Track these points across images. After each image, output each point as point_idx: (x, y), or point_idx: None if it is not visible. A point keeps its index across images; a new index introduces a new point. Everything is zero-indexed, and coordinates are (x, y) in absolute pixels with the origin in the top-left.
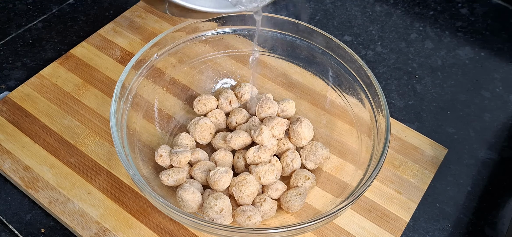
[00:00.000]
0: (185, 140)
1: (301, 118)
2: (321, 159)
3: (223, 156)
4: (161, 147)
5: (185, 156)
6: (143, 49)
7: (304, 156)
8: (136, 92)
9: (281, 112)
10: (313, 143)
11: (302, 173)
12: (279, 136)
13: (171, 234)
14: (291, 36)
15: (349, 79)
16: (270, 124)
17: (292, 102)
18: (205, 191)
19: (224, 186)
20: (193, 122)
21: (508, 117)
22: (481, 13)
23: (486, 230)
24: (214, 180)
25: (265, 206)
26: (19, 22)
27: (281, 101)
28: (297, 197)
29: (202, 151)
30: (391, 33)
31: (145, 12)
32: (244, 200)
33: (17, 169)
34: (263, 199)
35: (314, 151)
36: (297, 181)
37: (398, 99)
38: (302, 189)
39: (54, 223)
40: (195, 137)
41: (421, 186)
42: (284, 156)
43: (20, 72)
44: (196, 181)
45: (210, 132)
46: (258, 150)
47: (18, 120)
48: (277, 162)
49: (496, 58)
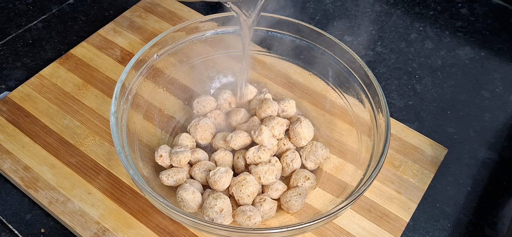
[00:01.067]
0: (185, 140)
1: (301, 118)
2: (321, 159)
3: (223, 156)
4: (161, 147)
5: (185, 156)
6: (143, 49)
7: (304, 156)
8: (136, 92)
9: (281, 112)
10: (313, 143)
11: (302, 173)
12: (279, 136)
13: (171, 234)
14: (291, 36)
15: (349, 79)
16: (270, 124)
17: (293, 102)
18: (205, 191)
19: (224, 186)
20: (193, 122)
21: (508, 117)
22: (481, 13)
23: (486, 230)
24: (214, 180)
25: (265, 206)
26: (19, 22)
27: (282, 101)
28: (297, 197)
29: (202, 151)
30: (391, 33)
31: (145, 12)
32: (244, 200)
33: (17, 169)
34: (263, 199)
35: (314, 151)
36: (297, 181)
37: (398, 99)
38: (302, 189)
39: (54, 223)
40: (196, 138)
41: (421, 186)
42: (284, 156)
43: (20, 72)
44: (196, 181)
45: (211, 132)
46: (258, 150)
47: (18, 120)
48: (277, 162)
49: (496, 58)
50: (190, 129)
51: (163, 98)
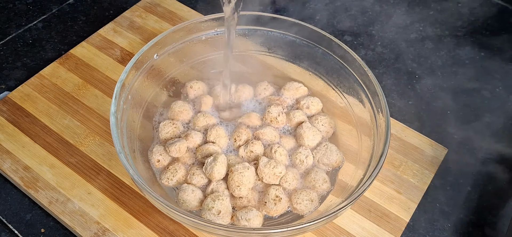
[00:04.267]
0: (167, 127)
1: (307, 122)
2: (334, 163)
3: (217, 130)
4: (153, 151)
5: (182, 144)
6: (143, 49)
7: (317, 158)
8: (136, 92)
9: (306, 108)
10: (327, 146)
11: (321, 175)
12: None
13: (171, 234)
14: (291, 36)
15: (349, 79)
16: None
17: (317, 99)
18: (209, 185)
19: (220, 175)
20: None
21: (508, 117)
22: (481, 13)
23: (486, 230)
24: (210, 173)
25: (278, 205)
26: (19, 22)
27: (306, 98)
28: (308, 202)
29: (196, 132)
30: (391, 33)
31: (145, 12)
32: (241, 193)
33: (17, 169)
34: (278, 198)
35: (328, 155)
36: (316, 182)
37: (398, 99)
38: (315, 195)
39: (54, 223)
40: (176, 118)
41: (421, 186)
42: (298, 153)
43: (20, 72)
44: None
45: (187, 112)
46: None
47: (18, 120)
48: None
49: (496, 58)
50: (169, 115)
51: (163, 98)
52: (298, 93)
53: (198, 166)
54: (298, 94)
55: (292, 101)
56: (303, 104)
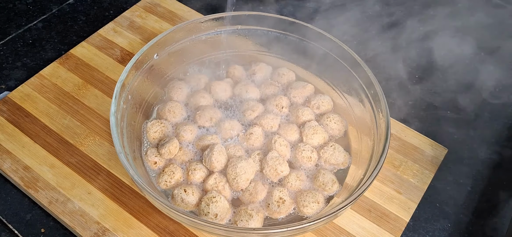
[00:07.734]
0: (155, 126)
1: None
2: (340, 164)
3: (212, 113)
4: (148, 154)
5: (173, 144)
6: (143, 49)
7: (324, 158)
8: (136, 92)
9: (317, 109)
10: (334, 146)
11: (329, 176)
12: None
13: (171, 234)
14: (291, 36)
15: (349, 79)
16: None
17: (328, 97)
18: (209, 176)
19: (221, 164)
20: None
21: (508, 117)
22: (481, 13)
23: (486, 230)
24: (209, 164)
25: (282, 207)
26: (19, 22)
27: (317, 96)
28: (314, 204)
29: (186, 127)
30: (391, 33)
31: (145, 12)
32: (239, 185)
33: (17, 169)
34: (282, 200)
35: (336, 155)
36: (325, 184)
37: (398, 99)
38: (321, 197)
39: (54, 223)
40: (166, 117)
41: (421, 186)
42: (302, 150)
43: (20, 72)
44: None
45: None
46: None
47: (18, 120)
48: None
49: (496, 58)
50: (159, 111)
51: (162, 98)
52: (306, 91)
53: (198, 161)
54: (306, 92)
55: (302, 99)
56: (313, 104)
